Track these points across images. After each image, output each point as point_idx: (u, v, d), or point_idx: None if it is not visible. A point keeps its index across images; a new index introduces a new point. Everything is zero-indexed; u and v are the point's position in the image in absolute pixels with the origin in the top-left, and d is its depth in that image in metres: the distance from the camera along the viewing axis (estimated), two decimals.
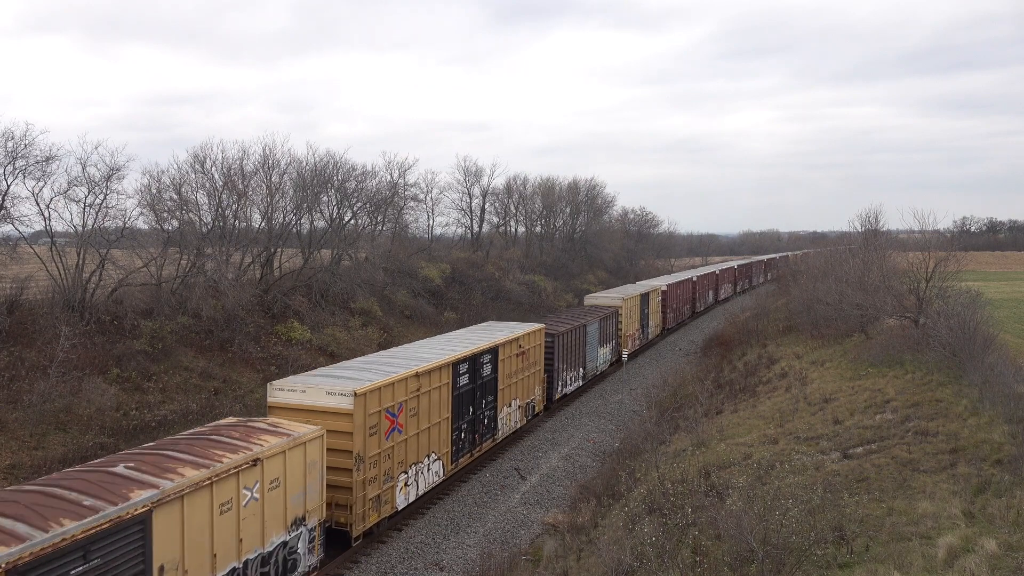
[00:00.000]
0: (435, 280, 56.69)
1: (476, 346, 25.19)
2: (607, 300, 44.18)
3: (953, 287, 32.38)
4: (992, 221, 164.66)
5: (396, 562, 18.99)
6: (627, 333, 44.78)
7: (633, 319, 46.11)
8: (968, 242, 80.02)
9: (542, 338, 31.08)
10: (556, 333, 32.83)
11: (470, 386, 24.33)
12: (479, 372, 24.93)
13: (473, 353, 24.51)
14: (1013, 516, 13.75)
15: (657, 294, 53.55)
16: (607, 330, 40.96)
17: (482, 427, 25.59)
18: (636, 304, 46.82)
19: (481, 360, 25.05)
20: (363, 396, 18.36)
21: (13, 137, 30.61)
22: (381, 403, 19.08)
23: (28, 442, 24.60)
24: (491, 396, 26.11)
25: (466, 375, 23.96)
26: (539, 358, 30.71)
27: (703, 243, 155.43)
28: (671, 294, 57.66)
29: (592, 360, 38.48)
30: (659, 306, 54.03)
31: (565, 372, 34.32)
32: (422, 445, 21.43)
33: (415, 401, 20.83)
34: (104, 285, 33.80)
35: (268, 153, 45.93)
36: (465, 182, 75.97)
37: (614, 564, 14.56)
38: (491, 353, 25.92)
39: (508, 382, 27.40)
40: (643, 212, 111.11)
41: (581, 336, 36.12)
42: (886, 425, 21.04)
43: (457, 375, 23.28)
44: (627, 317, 44.43)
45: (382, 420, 19.22)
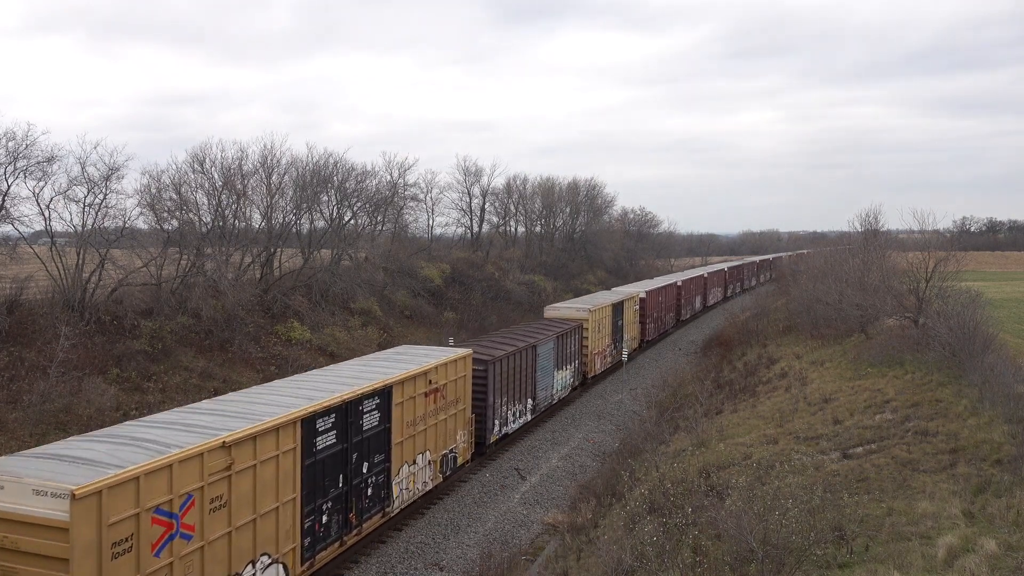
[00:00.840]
0: (435, 280, 56.69)
1: (351, 390, 17.96)
2: (569, 312, 38.22)
3: (953, 287, 32.37)
4: (992, 221, 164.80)
5: (396, 562, 18.99)
6: (594, 351, 38.69)
7: (602, 333, 40.11)
8: (968, 242, 80.00)
9: (468, 367, 24.32)
10: (490, 359, 26.22)
11: (339, 447, 17.42)
12: (356, 425, 18.06)
13: (344, 400, 17.43)
14: (1013, 516, 13.76)
15: (634, 302, 47.22)
16: (567, 349, 34.58)
17: (363, 500, 18.64)
18: (606, 315, 40.70)
19: (359, 408, 18.17)
20: (92, 498, 11.30)
21: (15, 137, 30.65)
22: (141, 502, 12.10)
23: (28, 442, 24.59)
24: (380, 455, 19.18)
25: (331, 432, 17.11)
26: (464, 393, 23.99)
27: (703, 243, 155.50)
28: (651, 302, 51.34)
29: (545, 388, 31.95)
30: (636, 316, 47.84)
31: (505, 407, 27.60)
32: (238, 549, 14.26)
33: (223, 486, 13.85)
34: (104, 285, 33.80)
35: (268, 153, 46.00)
36: (465, 182, 76.07)
37: (614, 564, 14.57)
38: (379, 396, 18.93)
39: (410, 432, 20.62)
40: (643, 212, 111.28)
41: (529, 360, 29.70)
42: (886, 425, 21.04)
43: (312, 435, 16.42)
44: (594, 332, 38.42)
45: (144, 528, 12.23)
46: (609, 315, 41.15)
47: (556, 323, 35.63)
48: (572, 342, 35.30)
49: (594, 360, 38.68)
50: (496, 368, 26.50)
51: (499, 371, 26.74)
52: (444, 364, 22.44)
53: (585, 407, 35.40)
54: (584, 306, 38.67)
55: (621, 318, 43.66)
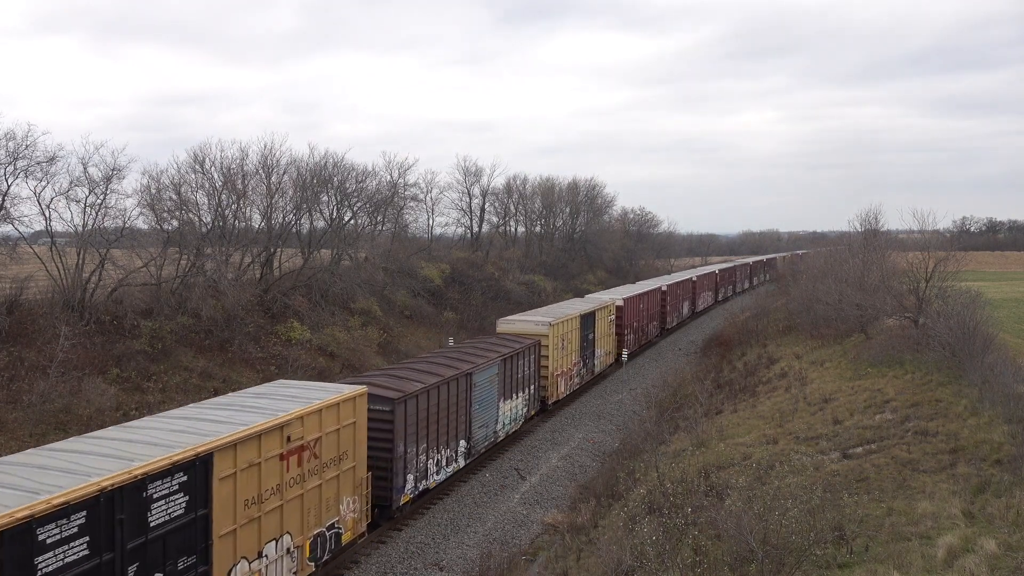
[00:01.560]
0: (435, 280, 56.69)
1: (123, 470, 11.71)
2: (526, 327, 32.43)
3: (953, 287, 32.39)
4: (992, 221, 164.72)
5: (396, 562, 19.00)
6: (556, 371, 33.02)
7: (568, 350, 34.63)
8: (968, 242, 79.87)
9: (362, 411, 18.22)
10: (398, 397, 19.97)
11: (94, 561, 11.06)
12: (136, 522, 11.85)
13: (103, 490, 11.16)
14: (1013, 516, 13.76)
15: (609, 311, 41.93)
16: (519, 372, 28.72)
17: None
18: (573, 328, 35.34)
19: (142, 496, 11.98)
20: None
21: (15, 138, 30.67)
22: None
23: (28, 442, 24.59)
24: (187, 557, 12.94)
25: (77, 543, 10.76)
26: (354, 446, 17.92)
27: (703, 243, 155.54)
28: (631, 310, 45.86)
29: (485, 424, 25.97)
30: (612, 327, 42.54)
31: (423, 455, 21.45)
32: None
33: None
34: (104, 285, 33.81)
35: (268, 153, 46.00)
36: (465, 182, 76.08)
37: (614, 564, 14.58)
38: (185, 471, 12.80)
39: (252, 514, 14.46)
40: (643, 212, 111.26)
41: (460, 392, 23.74)
42: (886, 425, 21.05)
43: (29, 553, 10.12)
44: (557, 349, 32.97)
45: None
46: (576, 328, 35.71)
47: (507, 341, 29.57)
48: (526, 363, 29.47)
49: (556, 383, 32.99)
50: (407, 408, 20.40)
51: (413, 411, 20.67)
52: (317, 411, 16.37)
53: (585, 407, 35.39)
54: (543, 319, 32.86)
55: (592, 330, 38.42)
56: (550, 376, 32.37)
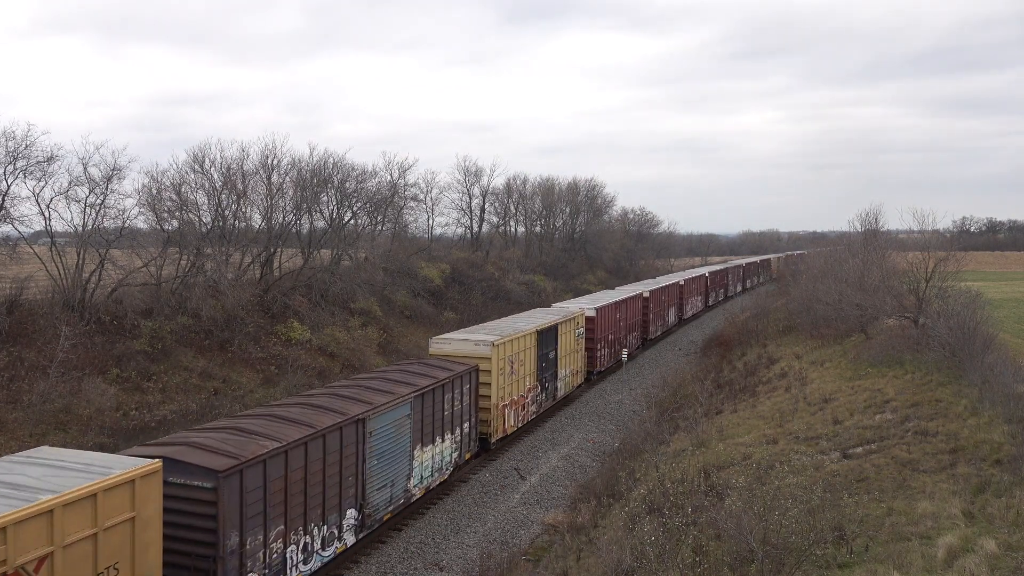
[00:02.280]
0: (435, 280, 56.71)
1: None
2: (463, 347, 26.52)
3: (953, 287, 32.39)
4: (992, 221, 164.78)
5: (396, 562, 19.00)
6: (501, 401, 26.85)
7: (520, 375, 28.67)
8: (968, 242, 79.69)
9: (151, 499, 12.57)
10: (229, 468, 14.08)
11: None
12: None
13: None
14: (1013, 516, 13.76)
15: (576, 324, 35.82)
16: (447, 407, 22.75)
17: None
18: (526, 347, 29.32)
19: None
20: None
21: (14, 138, 30.70)
22: None
23: (28, 442, 24.60)
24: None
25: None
26: (131, 555, 12.17)
27: (703, 243, 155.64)
28: (605, 320, 39.99)
29: (390, 482, 19.65)
30: (579, 342, 36.54)
31: (277, 543, 15.49)
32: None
33: None
34: (104, 285, 33.83)
35: (268, 153, 46.02)
36: (465, 182, 76.13)
37: (614, 564, 14.58)
38: None
39: None
40: (643, 212, 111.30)
41: (348, 444, 17.72)
42: (886, 425, 21.05)
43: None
44: (503, 373, 26.96)
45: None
46: (532, 346, 29.88)
47: (432, 368, 23.51)
48: (458, 395, 23.59)
49: (503, 415, 27.14)
50: (247, 481, 14.47)
51: (258, 483, 14.79)
52: (45, 513, 10.68)
53: (585, 407, 35.38)
54: (486, 337, 27.01)
55: (554, 347, 32.64)
56: (493, 408, 26.33)
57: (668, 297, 56.51)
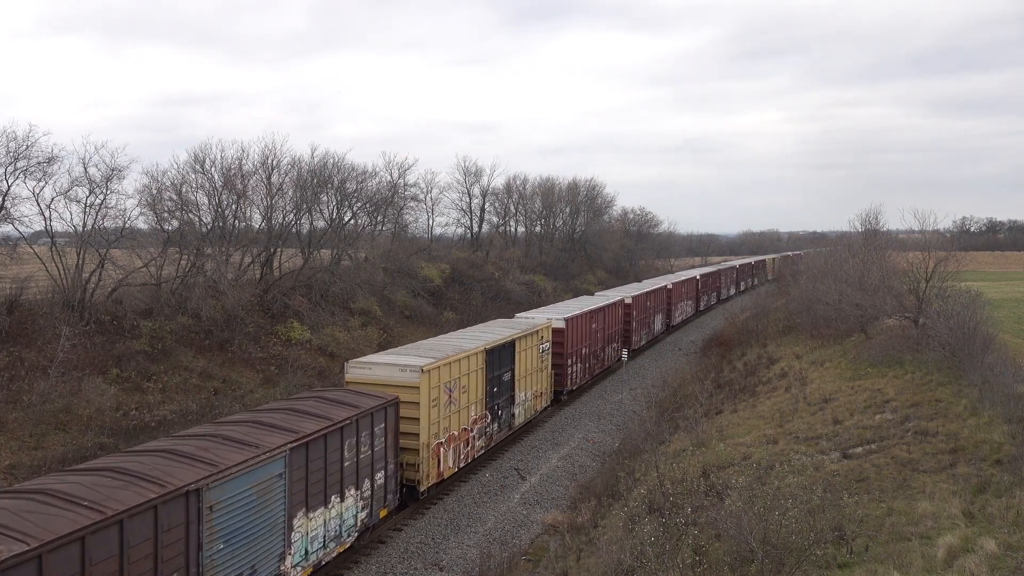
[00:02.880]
0: (435, 280, 56.71)
1: None
2: (387, 373, 21.23)
3: (953, 287, 32.39)
4: (992, 221, 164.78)
5: (396, 562, 19.01)
6: (435, 439, 21.92)
7: (462, 404, 23.69)
8: (968, 242, 79.60)
9: None
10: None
11: None
12: None
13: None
14: (1013, 516, 13.77)
15: (540, 338, 30.86)
16: (348, 455, 17.58)
17: None
18: (472, 369, 24.41)
19: None
20: None
21: (15, 138, 30.70)
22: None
23: (28, 442, 24.61)
24: None
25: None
26: None
27: (703, 243, 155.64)
28: (577, 331, 35.36)
29: (254, 570, 14.55)
30: (544, 358, 31.52)
31: None
32: None
33: None
34: (104, 285, 33.82)
35: (268, 153, 46.03)
36: (465, 182, 76.12)
37: (614, 564, 14.57)
38: None
39: None
40: (643, 212, 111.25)
41: (176, 526, 12.59)
42: (886, 425, 21.05)
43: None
44: (436, 405, 21.91)
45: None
46: (478, 368, 24.88)
47: (330, 405, 18.00)
48: (366, 437, 18.25)
49: (437, 456, 22.02)
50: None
51: None
52: None
53: (585, 407, 35.38)
54: (415, 361, 21.64)
55: (511, 368, 27.75)
56: (424, 448, 21.31)
57: (654, 302, 51.25)
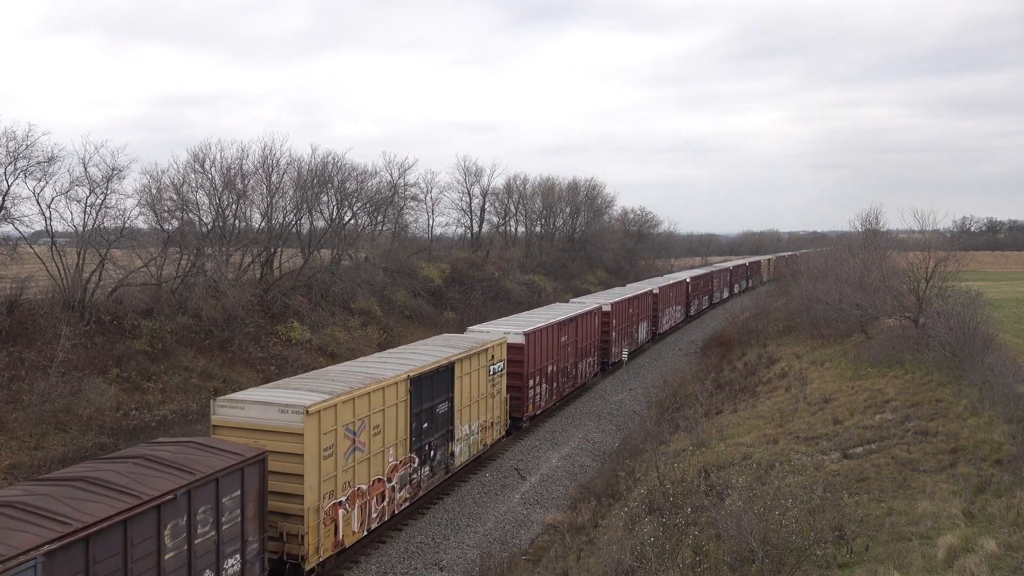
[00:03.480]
0: (435, 280, 56.71)
1: None
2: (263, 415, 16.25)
3: (953, 287, 32.38)
4: (992, 221, 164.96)
5: (396, 562, 19.00)
6: (330, 499, 16.95)
7: (372, 449, 18.65)
8: (968, 242, 79.35)
9: None
10: None
11: None
12: None
13: None
14: (1013, 516, 13.76)
15: (490, 357, 25.52)
16: (171, 545, 12.33)
17: None
18: (391, 403, 19.36)
19: None
20: None
21: (15, 138, 30.69)
22: None
23: (28, 442, 24.61)
24: None
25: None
26: None
27: (703, 243, 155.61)
28: (540, 346, 29.79)
29: None
30: (496, 381, 26.19)
31: None
32: None
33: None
34: (104, 285, 33.82)
35: (268, 153, 46.02)
36: (465, 182, 76.14)
37: (614, 564, 14.56)
38: None
39: None
40: (643, 212, 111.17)
41: None
42: (886, 425, 21.04)
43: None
44: (329, 455, 16.82)
45: None
46: (400, 400, 19.71)
47: (163, 465, 13.06)
48: (211, 512, 13.41)
49: (334, 520, 17.12)
50: None
51: None
52: None
53: (585, 407, 35.38)
54: (300, 399, 16.46)
55: (448, 397, 22.53)
56: (311, 513, 16.19)
57: (638, 309, 45.87)
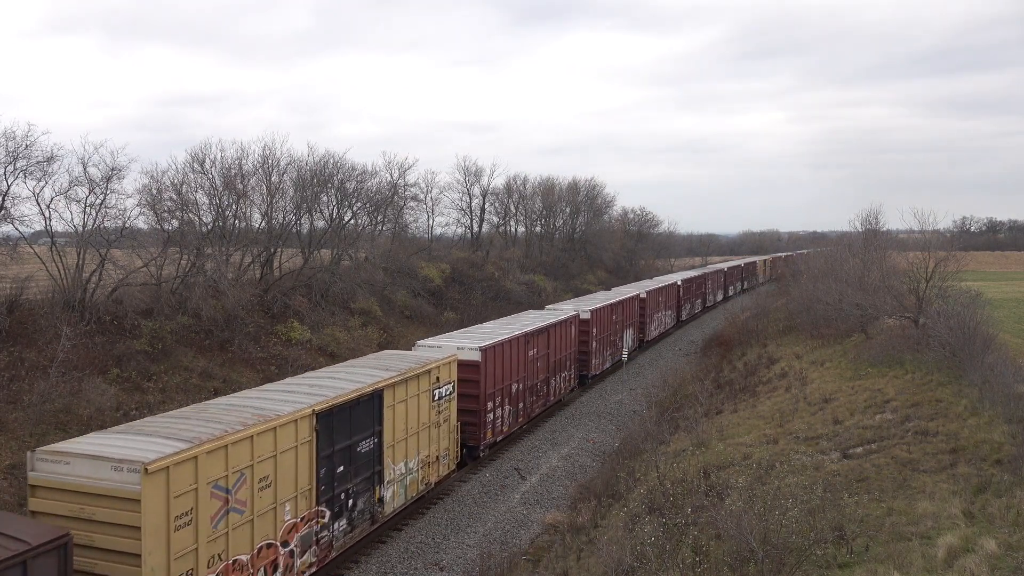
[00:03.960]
0: (435, 280, 56.69)
1: None
2: (87, 471, 12.74)
3: (953, 287, 32.38)
4: (992, 221, 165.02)
5: (396, 562, 19.00)
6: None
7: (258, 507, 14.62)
8: (968, 242, 79.33)
9: None
10: None
11: None
12: None
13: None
14: (1013, 516, 13.76)
15: (433, 380, 21.53)
16: None
17: None
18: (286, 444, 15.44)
19: None
20: None
21: (14, 138, 30.65)
22: None
23: (28, 442, 24.59)
24: None
25: None
26: None
27: (703, 243, 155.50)
28: (500, 362, 26.43)
29: None
30: (444, 407, 22.33)
31: None
32: None
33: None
34: (104, 285, 33.79)
35: (267, 153, 45.99)
36: (465, 182, 76.08)
37: (614, 564, 14.57)
38: None
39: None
40: (643, 212, 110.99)
41: None
42: (886, 425, 21.04)
43: None
44: (185, 523, 12.78)
45: None
46: (300, 443, 15.93)
47: None
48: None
49: None
50: None
51: None
52: None
53: (585, 407, 35.38)
54: (141, 453, 12.65)
55: (374, 429, 18.79)
56: None
57: (623, 315, 41.39)
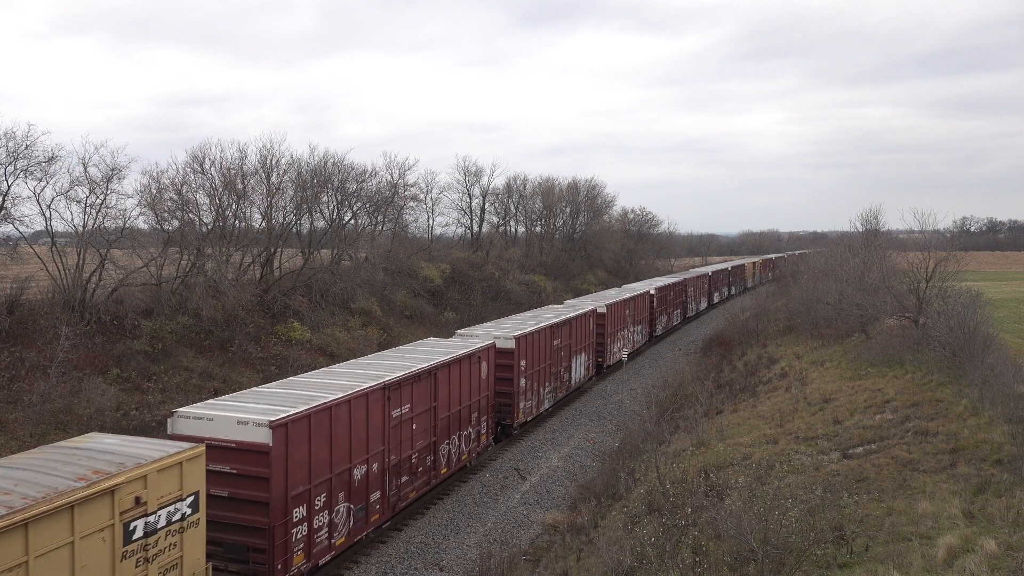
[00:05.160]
0: (435, 280, 56.69)
1: None
2: None
3: (953, 287, 32.36)
4: (992, 221, 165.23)
5: (396, 562, 19.00)
6: None
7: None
8: (968, 242, 79.45)
9: None
10: None
11: None
12: None
13: None
14: (1013, 516, 13.75)
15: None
16: None
17: None
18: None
19: None
20: None
21: (15, 138, 30.69)
22: None
23: (28, 442, 24.60)
24: None
25: None
26: None
27: (703, 243, 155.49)
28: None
29: None
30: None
31: None
32: None
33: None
34: (104, 285, 33.81)
35: (267, 153, 46.01)
36: (465, 182, 76.09)
37: (614, 564, 14.56)
38: None
39: None
40: (643, 212, 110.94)
41: None
42: (886, 425, 21.04)
43: None
44: None
45: None
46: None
47: None
48: None
49: None
50: None
51: None
52: None
53: (585, 407, 35.38)
54: None
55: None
56: None
57: (571, 338, 34.49)
